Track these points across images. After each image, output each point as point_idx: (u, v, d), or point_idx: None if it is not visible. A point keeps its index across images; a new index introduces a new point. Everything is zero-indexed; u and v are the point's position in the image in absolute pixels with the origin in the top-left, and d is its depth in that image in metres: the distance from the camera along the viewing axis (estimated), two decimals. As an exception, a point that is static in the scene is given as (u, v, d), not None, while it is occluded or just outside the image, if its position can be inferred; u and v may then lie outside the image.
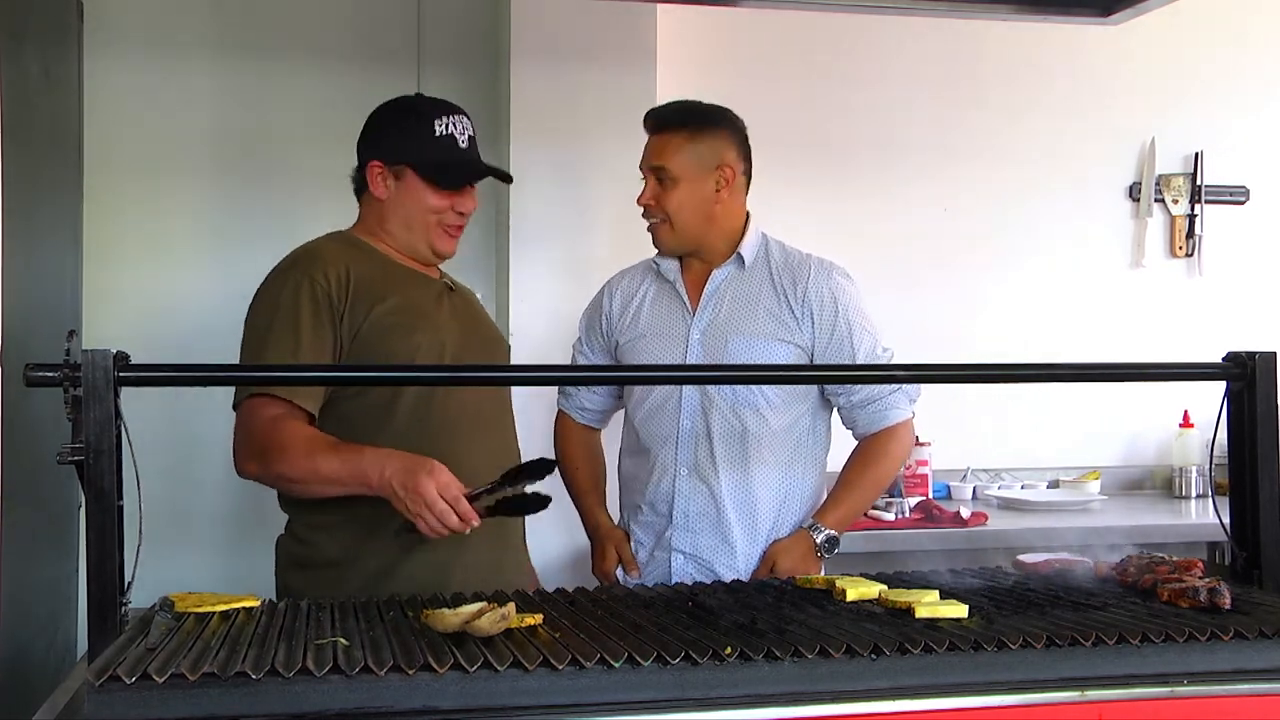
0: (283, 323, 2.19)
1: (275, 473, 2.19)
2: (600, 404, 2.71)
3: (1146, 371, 2.69)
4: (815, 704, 1.47)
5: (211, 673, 1.38)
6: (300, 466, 2.15)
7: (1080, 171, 4.10)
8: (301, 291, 2.20)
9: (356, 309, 2.22)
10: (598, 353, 2.67)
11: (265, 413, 2.16)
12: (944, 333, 3.84)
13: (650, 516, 2.54)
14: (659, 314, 2.57)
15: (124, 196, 3.50)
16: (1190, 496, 3.91)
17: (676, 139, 2.48)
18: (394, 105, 2.40)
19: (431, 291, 2.37)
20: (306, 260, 2.27)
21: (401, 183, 2.33)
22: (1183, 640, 1.59)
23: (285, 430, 2.16)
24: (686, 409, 2.49)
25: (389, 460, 2.08)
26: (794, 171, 3.83)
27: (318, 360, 2.18)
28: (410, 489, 2.03)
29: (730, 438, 2.48)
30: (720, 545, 2.48)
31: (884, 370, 2.46)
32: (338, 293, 2.21)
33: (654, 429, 2.52)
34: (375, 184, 2.33)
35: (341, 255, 2.28)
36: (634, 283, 2.64)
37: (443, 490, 2.03)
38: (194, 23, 3.59)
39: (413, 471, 2.05)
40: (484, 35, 3.71)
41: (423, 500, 2.02)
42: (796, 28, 3.85)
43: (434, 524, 2.04)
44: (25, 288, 2.54)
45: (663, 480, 2.51)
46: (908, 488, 3.72)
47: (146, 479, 1.64)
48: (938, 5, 3.17)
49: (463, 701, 1.40)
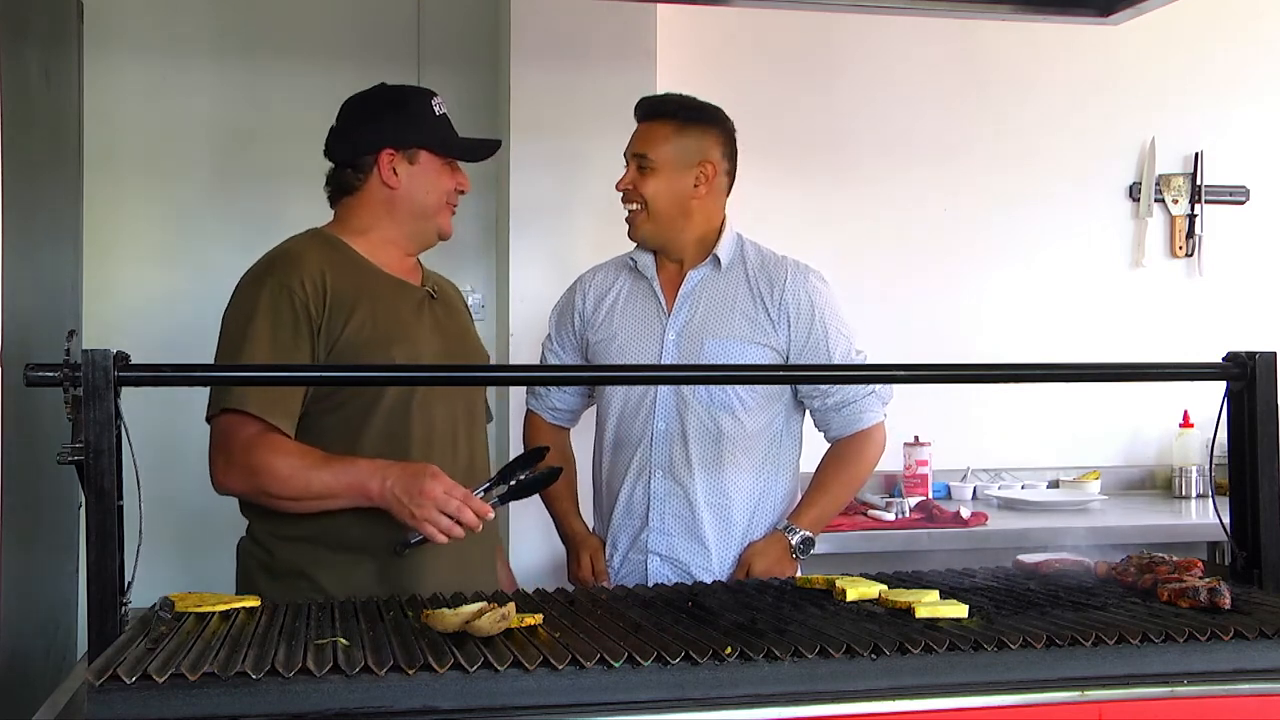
0: (259, 332, 2.12)
1: (263, 491, 2.13)
2: (571, 404, 2.69)
3: (1146, 371, 2.69)
4: (815, 704, 1.47)
5: (211, 673, 1.37)
6: (291, 485, 2.10)
7: (1080, 171, 4.10)
8: (280, 301, 2.14)
9: (334, 321, 2.16)
10: (569, 351, 2.64)
11: (243, 432, 2.10)
12: (944, 333, 3.84)
13: (625, 519, 2.53)
14: (633, 314, 2.56)
15: (124, 196, 3.51)
16: (1190, 496, 3.91)
17: (664, 129, 2.49)
18: (382, 95, 2.35)
19: (411, 301, 2.30)
20: (283, 265, 2.20)
21: (415, 166, 2.28)
22: (1183, 640, 1.59)
23: (268, 446, 2.10)
24: (661, 410, 2.49)
25: (388, 470, 2.05)
26: (793, 171, 3.83)
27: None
28: (415, 495, 2.01)
29: (705, 440, 2.47)
30: (695, 547, 2.48)
31: (884, 370, 2.44)
32: (315, 304, 2.15)
33: (628, 430, 2.52)
34: (386, 173, 2.27)
35: (319, 259, 2.21)
36: (607, 279, 2.62)
37: (449, 491, 2.01)
38: (194, 23, 3.59)
39: (416, 477, 2.02)
40: (484, 35, 3.72)
41: (432, 503, 2.00)
42: (796, 28, 3.85)
43: (446, 525, 2.00)
44: (25, 288, 2.54)
45: (637, 482, 2.51)
46: (908, 488, 3.72)
47: (146, 479, 1.64)
48: (937, 5, 3.18)
49: (463, 701, 1.40)
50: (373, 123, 2.31)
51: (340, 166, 2.32)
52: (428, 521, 2.01)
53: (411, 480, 2.02)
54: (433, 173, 2.30)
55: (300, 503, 2.12)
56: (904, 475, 3.76)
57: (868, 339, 2.55)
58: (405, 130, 2.29)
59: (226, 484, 2.16)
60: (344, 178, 2.31)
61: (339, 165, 2.32)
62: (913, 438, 3.76)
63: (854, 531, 3.31)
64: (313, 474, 2.09)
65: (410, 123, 2.30)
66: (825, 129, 3.92)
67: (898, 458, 3.78)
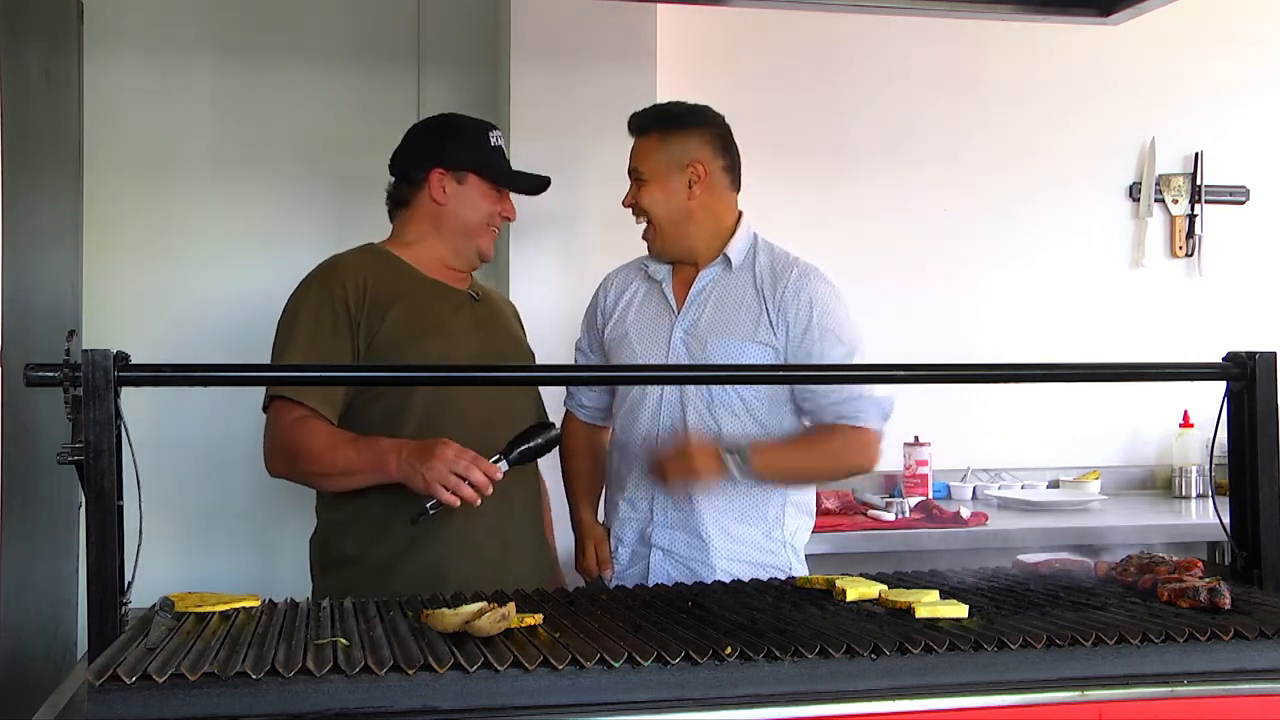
0: (303, 329, 2.31)
1: (302, 470, 2.31)
2: (598, 400, 2.73)
3: (1146, 371, 2.69)
4: (815, 704, 1.47)
5: (211, 673, 1.38)
6: (322, 461, 2.26)
7: (1080, 171, 4.10)
8: (322, 300, 2.33)
9: (373, 318, 2.33)
10: (595, 350, 2.69)
11: (287, 417, 2.29)
12: (944, 332, 3.84)
13: (630, 513, 2.56)
14: (645, 314, 2.59)
15: (124, 197, 3.50)
16: (1190, 496, 3.90)
17: (649, 141, 2.54)
18: (443, 121, 2.57)
19: (451, 302, 2.47)
20: (328, 270, 2.40)
21: (463, 187, 2.48)
22: (1183, 640, 1.59)
23: (307, 430, 2.28)
24: (666, 408, 2.51)
25: (404, 445, 2.20)
26: (793, 171, 3.83)
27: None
28: (427, 458, 2.13)
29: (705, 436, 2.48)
30: (696, 543, 2.49)
31: (884, 370, 2.42)
32: (355, 302, 2.33)
33: (634, 427, 2.55)
34: (435, 189, 2.46)
35: (363, 266, 2.40)
36: (627, 279, 2.67)
37: (459, 454, 2.13)
38: (194, 23, 3.58)
39: (428, 446, 2.16)
40: (484, 35, 3.71)
41: (443, 464, 2.12)
42: (796, 28, 3.85)
43: (454, 483, 2.12)
44: (25, 288, 2.54)
45: (642, 478, 2.53)
46: (908, 488, 3.72)
47: (146, 479, 1.64)
48: (937, 5, 3.18)
49: (463, 701, 1.40)
50: (429, 143, 2.52)
51: (397, 181, 2.53)
52: (438, 482, 2.13)
53: (424, 449, 2.16)
54: (479, 195, 2.49)
55: (331, 480, 2.30)
56: (904, 475, 3.76)
57: (867, 339, 2.54)
58: (458, 153, 2.48)
59: (273, 466, 2.35)
60: (399, 191, 2.52)
61: (396, 180, 2.53)
62: (913, 438, 3.76)
63: (854, 531, 3.31)
64: (339, 451, 2.25)
65: (463, 147, 2.49)
66: (825, 129, 3.92)
67: (898, 458, 3.78)
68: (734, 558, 2.48)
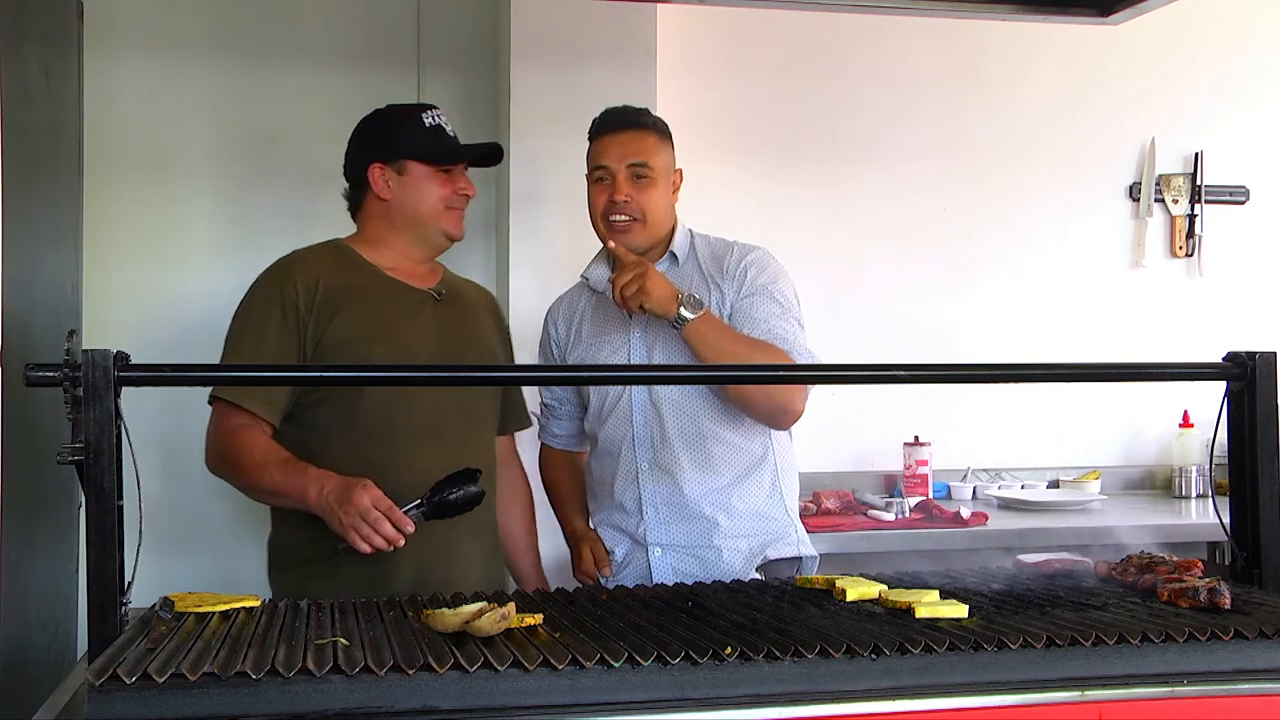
0: (249, 329, 2.32)
1: (234, 480, 2.32)
2: (569, 429, 2.76)
3: (1146, 371, 2.69)
4: (815, 704, 1.47)
5: (211, 673, 1.38)
6: (250, 476, 2.27)
7: (1080, 171, 4.10)
8: (270, 300, 2.33)
9: (321, 318, 2.32)
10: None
11: (228, 421, 2.30)
12: (944, 333, 3.84)
13: (620, 517, 2.57)
14: (599, 325, 2.62)
15: (124, 196, 3.50)
16: (1190, 496, 3.90)
17: (652, 138, 2.55)
18: (377, 115, 2.52)
19: (410, 303, 2.44)
20: (281, 269, 2.40)
21: (404, 176, 2.44)
22: (1183, 640, 1.59)
23: (242, 440, 2.27)
24: (637, 405, 2.53)
25: (327, 479, 2.17)
26: (793, 171, 3.83)
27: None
28: (344, 502, 2.11)
29: (685, 428, 2.50)
30: (699, 528, 2.50)
31: (884, 370, 2.40)
32: (305, 302, 2.32)
33: (611, 432, 2.57)
34: (378, 185, 2.43)
35: (318, 264, 2.39)
36: (572, 304, 2.70)
37: (375, 502, 2.10)
38: (194, 23, 3.58)
39: (348, 487, 2.13)
40: (484, 35, 3.71)
41: (356, 511, 2.10)
42: (796, 28, 3.84)
43: (368, 534, 2.10)
44: (25, 288, 2.54)
45: (628, 480, 2.54)
46: (908, 488, 3.72)
47: (146, 479, 1.64)
48: (937, 5, 3.17)
49: (463, 701, 1.40)
50: (362, 140, 2.50)
51: (349, 185, 2.52)
52: (351, 529, 2.12)
53: (344, 490, 2.13)
54: (423, 181, 2.44)
55: (259, 495, 2.32)
56: (904, 475, 3.76)
57: (867, 339, 2.54)
58: (391, 143, 2.45)
59: (210, 466, 2.35)
60: (350, 195, 2.52)
61: (348, 184, 2.52)
62: (913, 438, 3.76)
63: (854, 531, 3.30)
64: (267, 471, 2.24)
65: (395, 136, 2.46)
66: (824, 129, 3.92)
67: (898, 458, 3.78)
68: (739, 533, 2.50)
